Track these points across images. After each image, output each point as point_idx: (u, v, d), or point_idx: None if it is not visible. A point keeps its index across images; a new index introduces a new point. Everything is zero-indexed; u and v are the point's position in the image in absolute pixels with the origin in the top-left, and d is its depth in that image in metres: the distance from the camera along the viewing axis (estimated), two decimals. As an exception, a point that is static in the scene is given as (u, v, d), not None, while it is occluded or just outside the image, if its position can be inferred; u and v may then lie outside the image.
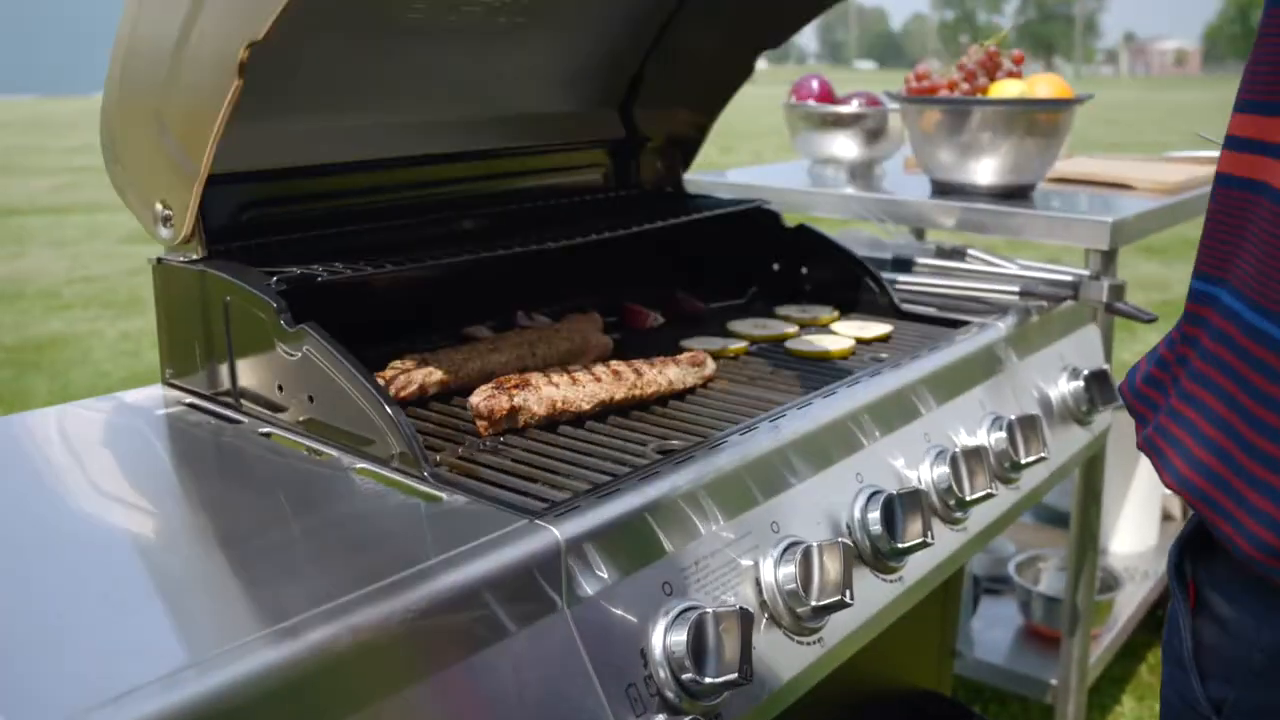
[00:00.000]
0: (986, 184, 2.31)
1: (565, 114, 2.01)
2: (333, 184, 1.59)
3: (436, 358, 1.40)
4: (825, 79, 2.58)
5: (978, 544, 1.58)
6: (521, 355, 1.44)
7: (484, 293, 1.78)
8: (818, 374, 1.53)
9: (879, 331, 1.71)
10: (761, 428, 1.26)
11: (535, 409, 1.27)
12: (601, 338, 1.56)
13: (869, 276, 1.87)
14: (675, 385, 1.39)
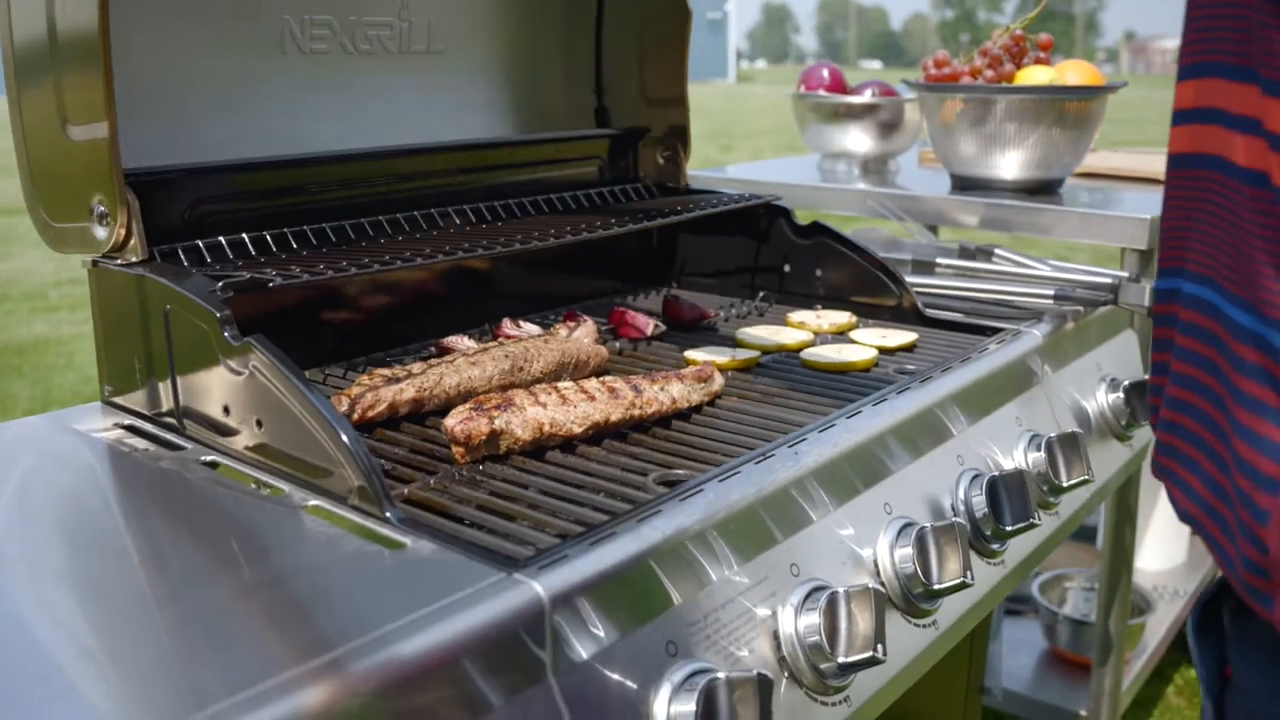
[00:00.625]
0: (1012, 178, 2.16)
1: (555, 106, 1.86)
2: (298, 177, 1.43)
3: (409, 373, 1.24)
4: (836, 68, 2.42)
5: (1015, 579, 1.42)
6: (506, 370, 1.28)
7: (465, 299, 1.62)
8: (839, 389, 1.36)
9: (903, 340, 1.55)
10: (779, 454, 1.10)
11: (519, 433, 1.10)
12: (596, 348, 1.39)
13: (890, 279, 1.71)
14: (679, 404, 1.23)
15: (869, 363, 1.45)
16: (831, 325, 1.63)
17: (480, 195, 1.61)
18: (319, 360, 1.44)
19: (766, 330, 1.59)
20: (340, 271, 1.13)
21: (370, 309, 1.52)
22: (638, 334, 1.56)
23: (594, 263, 1.84)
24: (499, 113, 1.79)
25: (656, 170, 1.89)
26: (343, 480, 0.97)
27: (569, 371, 1.36)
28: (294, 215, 1.40)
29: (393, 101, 1.61)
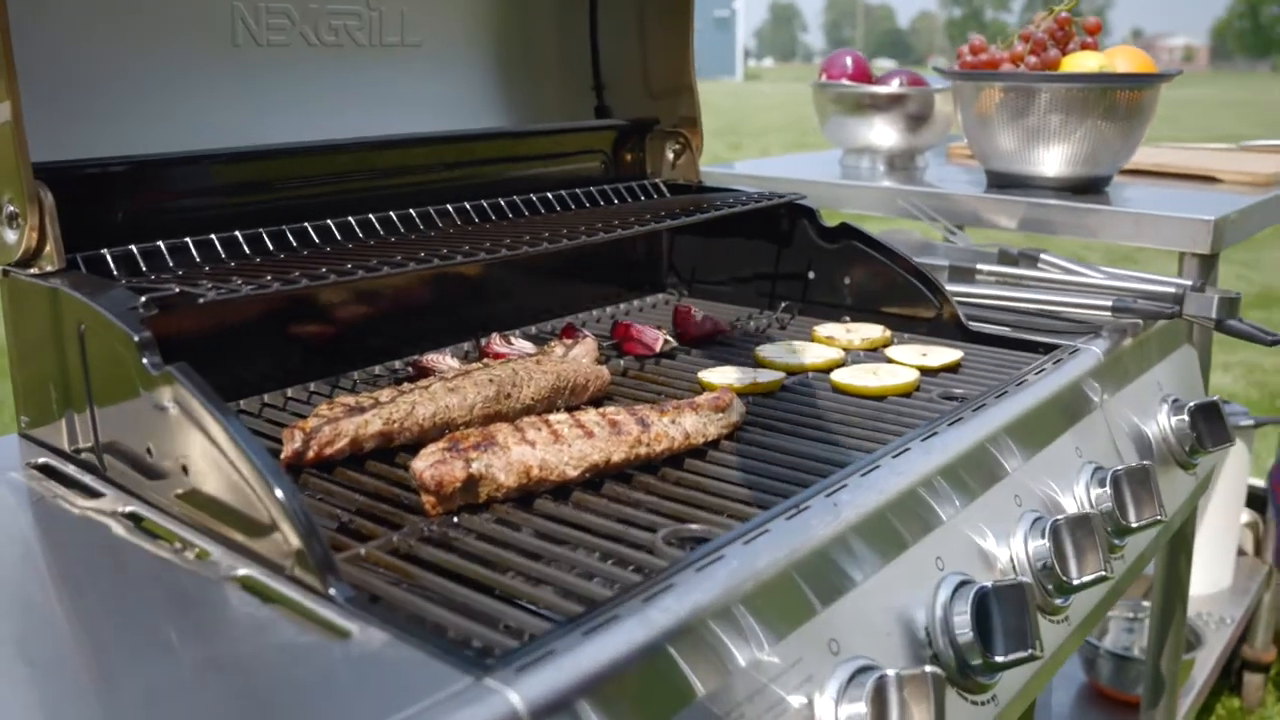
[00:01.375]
0: (1054, 175, 1.97)
1: (550, 101, 1.67)
2: (254, 172, 1.24)
3: (376, 401, 1.05)
4: (860, 55, 2.23)
5: (1079, 637, 1.23)
6: (490, 397, 1.09)
7: (448, 310, 1.44)
8: (878, 419, 1.18)
9: (946, 359, 1.36)
10: (815, 505, 0.92)
11: (501, 478, 0.92)
12: (596, 370, 1.21)
13: (929, 288, 1.52)
14: (693, 439, 1.04)
15: (910, 386, 1.27)
16: (864, 341, 1.44)
17: (467, 194, 1.43)
18: (280, 381, 1.26)
19: (790, 347, 1.40)
20: (290, 283, 0.94)
21: (340, 322, 1.34)
22: (645, 351, 1.37)
23: (595, 269, 1.65)
24: (486, 112, 1.61)
25: (665, 166, 1.70)
26: (279, 543, 0.78)
27: (564, 397, 1.17)
28: (250, 217, 1.22)
29: (364, 100, 1.43)
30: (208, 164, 1.19)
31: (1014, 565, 1.14)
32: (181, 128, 1.27)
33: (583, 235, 1.19)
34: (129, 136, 1.22)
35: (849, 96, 2.23)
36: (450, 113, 1.53)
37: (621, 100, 1.71)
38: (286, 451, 1.00)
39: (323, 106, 1.37)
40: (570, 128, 1.61)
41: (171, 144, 1.22)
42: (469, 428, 1.08)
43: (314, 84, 1.37)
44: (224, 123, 1.31)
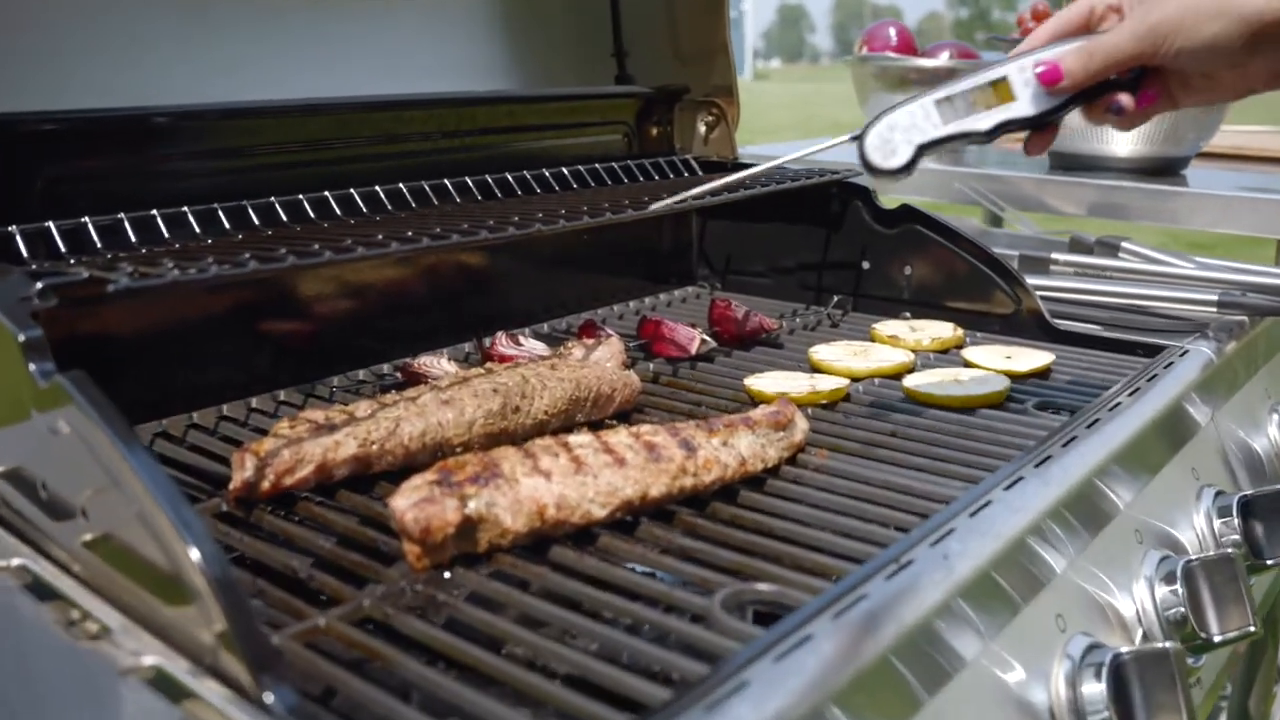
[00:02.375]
0: (1127, 155, 1.75)
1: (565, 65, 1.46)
2: (211, 135, 1.03)
3: (351, 416, 0.84)
4: (904, 26, 2.01)
5: (1209, 704, 1.02)
6: (495, 411, 0.88)
7: (445, 303, 1.22)
8: (969, 436, 0.96)
9: (1036, 362, 1.14)
10: (920, 557, 0.70)
11: (508, 521, 0.70)
12: (625, 376, 0.99)
13: (1006, 280, 1.30)
14: (749, 466, 0.82)
15: (1001, 396, 1.05)
16: (934, 340, 1.23)
17: (467, 168, 1.21)
18: (244, 388, 1.05)
19: (849, 348, 1.18)
20: (235, 267, 0.72)
21: (317, 317, 1.13)
22: (678, 353, 1.16)
23: (616, 257, 1.43)
24: (490, 75, 1.40)
25: (696, 141, 1.49)
26: (200, 619, 0.56)
27: (585, 410, 0.95)
28: (204, 190, 1.00)
29: (348, 57, 1.22)
30: (151, 123, 0.97)
31: (1140, 618, 0.92)
32: (128, 84, 1.07)
33: (607, 212, 0.97)
34: (62, 91, 1.02)
35: (893, 71, 2.01)
36: (448, 75, 1.31)
37: (646, 66, 1.49)
38: (235, 482, 0.79)
39: (298, 63, 1.16)
40: (588, 93, 1.39)
41: (112, 100, 1.01)
42: (467, 451, 0.86)
43: (288, 38, 1.16)
44: (180, 80, 1.10)
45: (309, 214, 1.03)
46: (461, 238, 0.85)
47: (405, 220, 1.03)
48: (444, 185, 1.17)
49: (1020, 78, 0.86)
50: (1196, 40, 0.78)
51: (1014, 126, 0.87)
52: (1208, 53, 0.78)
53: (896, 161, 0.85)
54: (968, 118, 0.85)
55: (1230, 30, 0.76)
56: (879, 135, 0.84)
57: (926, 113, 0.85)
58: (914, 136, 0.85)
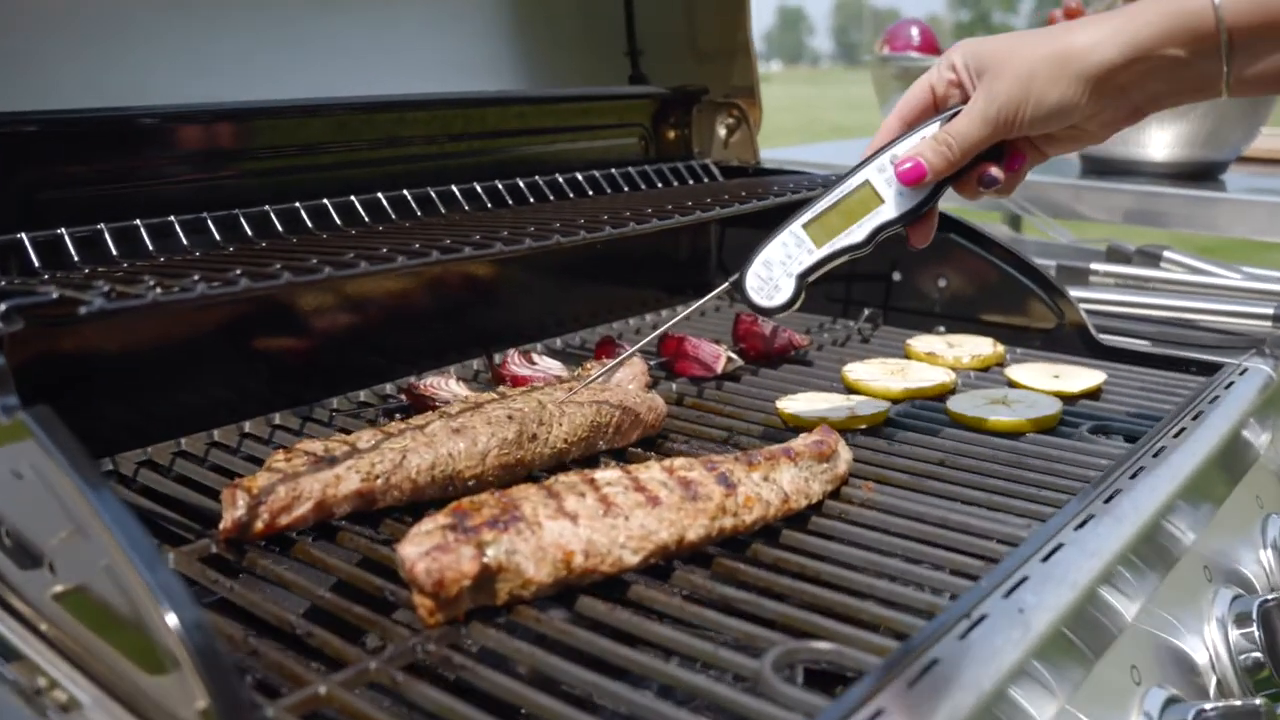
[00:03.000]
0: (1164, 160, 1.67)
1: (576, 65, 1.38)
2: (197, 139, 0.96)
3: (353, 447, 0.76)
4: (927, 25, 1.94)
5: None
6: (510, 440, 0.80)
7: (453, 318, 1.15)
8: (1024, 465, 0.89)
9: (1087, 382, 1.06)
10: (993, 610, 0.62)
11: (530, 571, 0.63)
12: (649, 400, 0.92)
13: (1048, 292, 1.23)
14: (793, 503, 0.75)
15: (1054, 420, 0.97)
16: (974, 358, 1.15)
17: (475, 173, 1.14)
18: (237, 410, 0.97)
19: (885, 366, 1.11)
20: (224, 285, 0.65)
21: (316, 334, 1.05)
22: (703, 372, 1.08)
23: (631, 268, 1.36)
24: (498, 76, 1.32)
25: (716, 144, 1.41)
26: (179, 692, 0.49)
27: (606, 437, 0.88)
28: (193, 198, 0.93)
29: (347, 56, 1.15)
30: (134, 125, 0.90)
31: (1213, 664, 0.85)
32: (112, 83, 0.99)
33: (630, 222, 0.90)
34: (45, 91, 0.94)
35: (915, 72, 1.93)
36: (453, 74, 1.24)
37: (662, 65, 1.42)
38: (226, 521, 0.71)
39: (294, 61, 1.08)
40: (602, 94, 1.32)
41: (97, 101, 0.94)
42: (479, 484, 0.79)
43: (284, 34, 1.09)
44: (167, 79, 1.02)
45: (306, 224, 0.96)
46: (474, 250, 0.77)
47: (410, 230, 0.95)
48: (451, 192, 1.10)
49: (882, 178, 0.83)
50: (1044, 108, 0.76)
51: (890, 228, 0.83)
52: (1058, 115, 0.76)
53: (781, 298, 0.82)
54: (841, 234, 0.82)
55: (1072, 90, 0.75)
56: (756, 275, 0.82)
57: (798, 240, 0.83)
58: (792, 268, 0.82)
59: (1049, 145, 0.83)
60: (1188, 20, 0.72)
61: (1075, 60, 0.75)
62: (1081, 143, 0.84)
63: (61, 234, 0.82)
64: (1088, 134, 0.82)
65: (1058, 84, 0.75)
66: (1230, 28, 0.71)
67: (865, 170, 0.84)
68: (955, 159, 0.80)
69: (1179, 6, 0.72)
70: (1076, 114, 0.77)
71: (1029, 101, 0.76)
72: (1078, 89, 0.75)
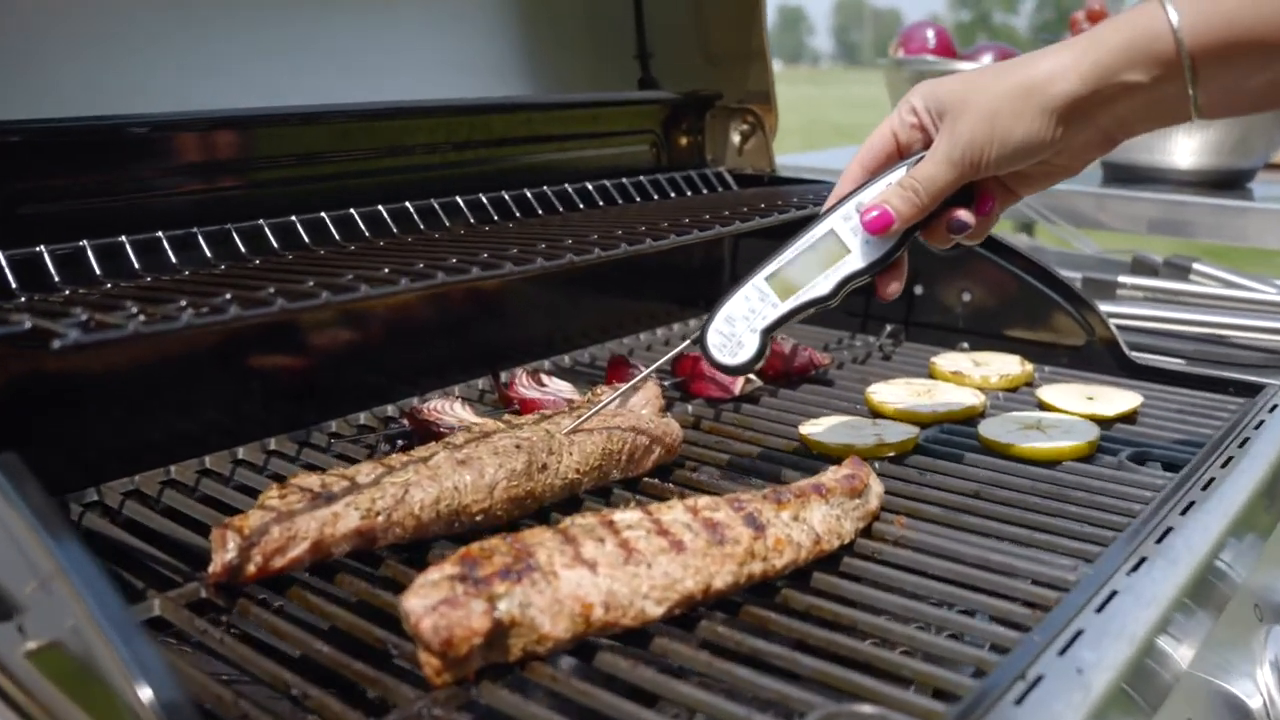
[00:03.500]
0: (1189, 167, 1.62)
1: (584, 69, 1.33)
2: (187, 149, 0.91)
3: (352, 482, 0.71)
4: (942, 27, 1.89)
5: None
6: (519, 470, 0.75)
7: (452, 336, 1.10)
8: (1064, 497, 0.83)
9: (1123, 405, 1.01)
10: (1049, 669, 0.57)
11: (546, 626, 0.58)
12: (666, 425, 0.87)
13: (1077, 307, 1.18)
14: (825, 544, 0.70)
15: (1091, 447, 0.92)
16: (1002, 378, 1.10)
17: (484, 183, 1.08)
18: (231, 434, 0.92)
19: (910, 387, 1.06)
20: (212, 313, 0.60)
21: (314, 352, 1.00)
22: (720, 393, 1.03)
23: (642, 281, 1.31)
24: (503, 81, 1.27)
25: (730, 151, 1.36)
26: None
27: (620, 466, 0.83)
28: (183, 212, 0.88)
29: (349, 61, 1.09)
30: (119, 135, 0.85)
31: (1268, 710, 0.80)
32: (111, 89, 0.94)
33: (646, 238, 0.85)
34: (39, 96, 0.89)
35: (931, 75, 1.88)
36: (456, 78, 1.19)
37: (673, 69, 1.37)
38: (215, 565, 0.66)
39: (290, 66, 1.03)
40: (612, 99, 1.27)
41: (86, 109, 0.89)
42: (488, 518, 0.74)
43: (279, 37, 1.04)
44: (155, 85, 0.97)
45: (303, 239, 0.91)
46: (482, 271, 0.72)
47: (413, 247, 0.90)
48: (455, 203, 1.04)
49: (847, 227, 0.79)
50: (1010, 146, 0.72)
51: (857, 279, 0.80)
52: (1025, 152, 0.73)
53: (745, 355, 0.78)
54: (806, 287, 0.79)
55: (1037, 124, 0.71)
56: (718, 332, 0.78)
57: (761, 293, 0.79)
58: (755, 323, 0.79)
59: (1020, 184, 0.80)
60: (1148, 45, 0.69)
61: (1037, 92, 0.71)
62: (1054, 178, 0.80)
63: (40, 251, 0.77)
64: (1059, 168, 0.78)
65: (1022, 119, 0.72)
66: (1192, 51, 0.67)
67: (829, 219, 0.80)
68: (923, 204, 0.76)
69: (1139, 31, 0.69)
70: (1044, 149, 0.73)
71: (994, 140, 0.73)
72: (1043, 122, 0.71)
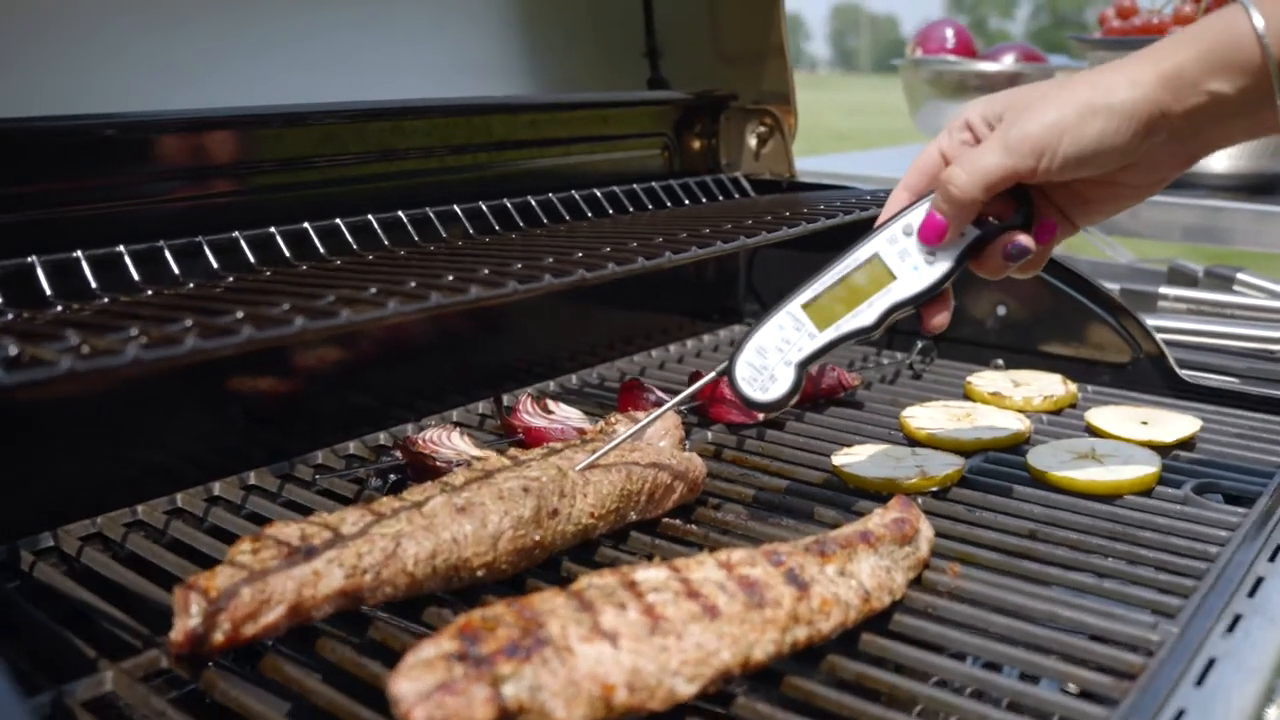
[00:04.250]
0: (1224, 171, 1.54)
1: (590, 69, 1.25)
2: (156, 153, 0.82)
3: (335, 532, 0.63)
4: (962, 26, 1.81)
5: None
6: (527, 519, 0.66)
7: (449, 354, 1.01)
8: (1132, 538, 0.75)
9: (1182, 430, 0.93)
10: (1153, 767, 0.48)
11: (559, 714, 0.49)
12: (688, 461, 0.78)
13: (1122, 320, 1.09)
14: (874, 603, 0.61)
15: (1154, 479, 0.84)
16: (1045, 399, 1.01)
17: (483, 190, 1.00)
18: (207, 467, 0.84)
19: (948, 410, 0.97)
20: (168, 344, 0.51)
21: (297, 374, 0.92)
22: (742, 418, 0.94)
23: (652, 293, 1.22)
24: (508, 78, 1.19)
25: (746, 156, 1.28)
26: None
27: (639, 507, 0.74)
28: (148, 222, 0.79)
29: (340, 59, 1.01)
30: (78, 137, 0.76)
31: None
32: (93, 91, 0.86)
33: (666, 251, 0.76)
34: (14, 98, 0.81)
35: (950, 76, 1.80)
36: (455, 77, 1.10)
37: (684, 68, 1.28)
38: (177, 633, 0.57)
39: (274, 63, 0.95)
40: (621, 100, 1.18)
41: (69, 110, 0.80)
42: (490, 572, 0.65)
43: (263, 34, 0.95)
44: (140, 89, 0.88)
45: (283, 252, 0.82)
46: (482, 291, 0.64)
47: (406, 261, 0.82)
48: (452, 212, 0.96)
49: (893, 251, 0.71)
50: (1083, 143, 0.64)
51: (903, 308, 0.72)
52: (1099, 155, 0.65)
53: (778, 390, 0.70)
54: (847, 315, 0.71)
55: (1114, 125, 0.64)
56: (748, 364, 0.71)
57: (797, 322, 0.71)
58: (790, 355, 0.71)
59: (1082, 211, 0.72)
60: (1231, 52, 0.62)
61: (1114, 96, 0.64)
62: (1120, 202, 0.71)
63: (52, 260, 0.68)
64: (1129, 189, 0.69)
65: (1097, 117, 0.64)
66: None
67: (873, 242, 0.72)
68: (969, 193, 0.67)
69: (1221, 38, 0.63)
70: (1119, 155, 0.65)
71: (1064, 134, 0.65)
72: (1120, 125, 0.64)
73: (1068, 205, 0.71)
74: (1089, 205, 0.71)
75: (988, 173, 0.67)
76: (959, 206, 0.68)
